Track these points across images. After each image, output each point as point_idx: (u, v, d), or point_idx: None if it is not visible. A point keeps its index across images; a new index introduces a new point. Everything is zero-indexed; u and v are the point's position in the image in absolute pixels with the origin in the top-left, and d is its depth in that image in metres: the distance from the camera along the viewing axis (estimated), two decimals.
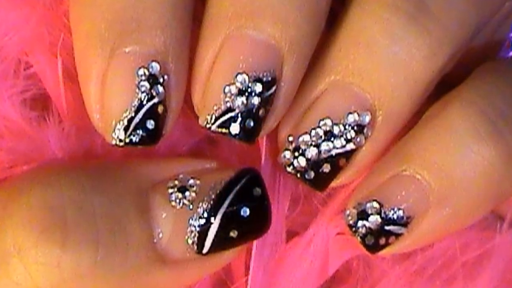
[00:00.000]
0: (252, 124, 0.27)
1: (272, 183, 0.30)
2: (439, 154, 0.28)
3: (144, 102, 0.27)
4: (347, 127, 0.28)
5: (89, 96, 0.27)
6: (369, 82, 0.28)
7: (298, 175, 0.29)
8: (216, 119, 0.27)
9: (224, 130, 0.27)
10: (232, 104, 0.27)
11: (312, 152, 0.29)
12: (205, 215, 0.28)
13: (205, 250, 0.28)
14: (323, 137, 0.29)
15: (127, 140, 0.27)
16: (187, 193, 0.28)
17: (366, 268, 0.31)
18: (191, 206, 0.28)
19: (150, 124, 0.27)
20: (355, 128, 0.28)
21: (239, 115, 0.27)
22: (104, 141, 0.28)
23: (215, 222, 0.27)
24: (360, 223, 0.29)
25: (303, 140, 0.29)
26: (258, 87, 0.27)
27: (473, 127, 0.28)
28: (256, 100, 0.27)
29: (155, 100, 0.27)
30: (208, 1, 0.28)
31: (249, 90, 0.27)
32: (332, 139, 0.28)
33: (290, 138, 0.29)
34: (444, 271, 0.31)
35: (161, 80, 0.27)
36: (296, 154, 0.29)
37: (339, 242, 0.31)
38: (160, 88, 0.27)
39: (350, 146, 0.29)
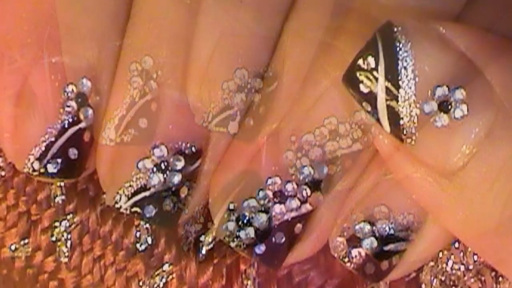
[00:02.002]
0: (251, 122, 0.27)
1: None
2: (451, 156, 0.27)
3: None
4: (353, 126, 0.27)
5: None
6: None
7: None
8: (214, 117, 0.27)
9: (222, 129, 0.27)
10: (231, 102, 0.26)
11: (316, 153, 0.27)
12: (202, 220, 0.27)
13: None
14: (327, 137, 0.27)
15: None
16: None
17: None
18: (186, 211, 0.27)
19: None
20: (362, 127, 0.28)
21: (238, 113, 0.27)
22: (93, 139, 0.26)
23: None
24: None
25: (307, 140, 0.28)
26: (258, 83, 0.27)
27: (487, 126, 0.27)
28: (256, 97, 0.27)
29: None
30: None
31: (248, 86, 0.26)
32: (338, 138, 0.27)
33: (293, 138, 0.28)
34: (457, 279, 0.31)
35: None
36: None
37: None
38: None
39: (357, 146, 0.28)
